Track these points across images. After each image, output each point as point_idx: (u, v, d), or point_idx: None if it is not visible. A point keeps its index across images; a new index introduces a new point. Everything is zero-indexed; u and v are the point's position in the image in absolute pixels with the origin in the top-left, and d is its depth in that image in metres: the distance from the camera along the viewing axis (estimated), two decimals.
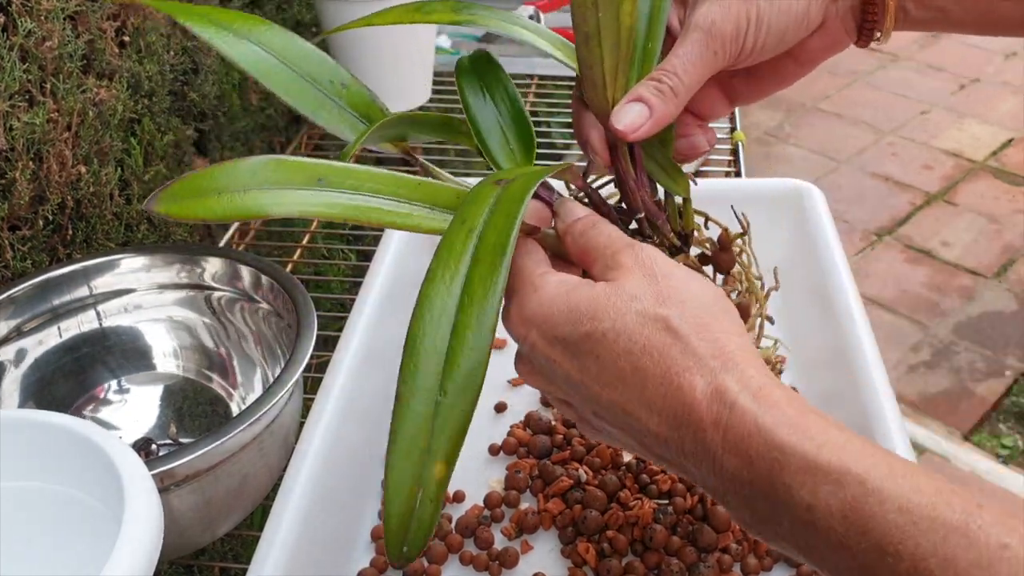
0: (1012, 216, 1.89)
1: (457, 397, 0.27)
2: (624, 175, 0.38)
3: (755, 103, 0.44)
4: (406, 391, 0.27)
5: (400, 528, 0.27)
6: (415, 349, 0.28)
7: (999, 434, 1.40)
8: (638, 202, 0.39)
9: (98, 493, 0.42)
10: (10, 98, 0.60)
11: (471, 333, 0.28)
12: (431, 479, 0.27)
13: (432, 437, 0.27)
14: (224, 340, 0.65)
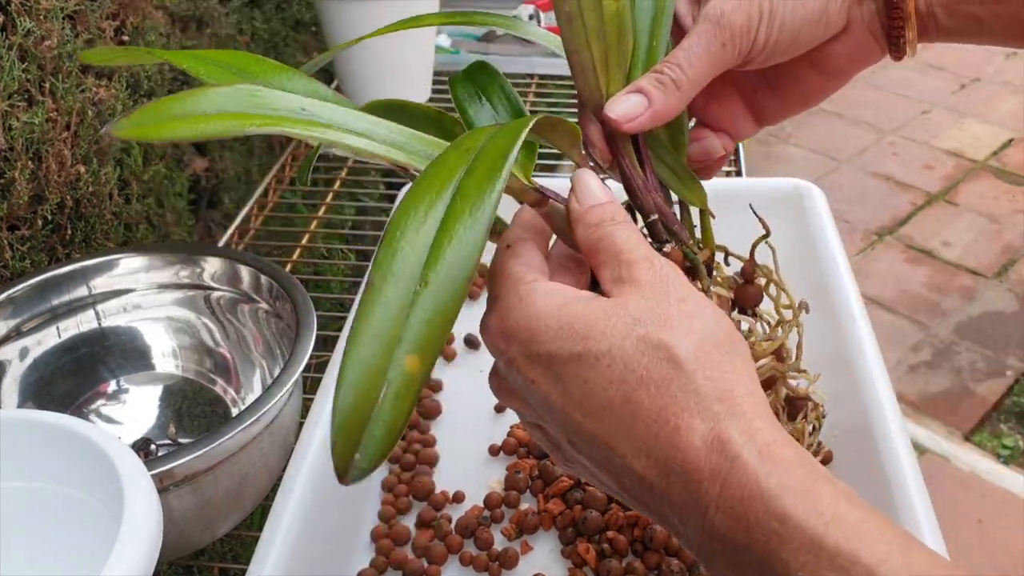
0: (1013, 216, 1.89)
1: (440, 289, 0.23)
2: (629, 173, 0.35)
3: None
4: (379, 277, 0.23)
5: (352, 426, 0.22)
6: (394, 238, 0.24)
7: (1000, 434, 1.40)
8: (650, 203, 0.35)
9: (97, 493, 0.42)
10: (9, 97, 0.60)
11: (462, 226, 0.24)
12: (401, 373, 0.22)
13: (405, 327, 0.23)
14: (223, 340, 0.64)
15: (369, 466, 0.22)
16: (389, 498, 0.57)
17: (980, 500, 1.28)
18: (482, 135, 0.27)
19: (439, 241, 0.24)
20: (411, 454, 0.59)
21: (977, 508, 1.27)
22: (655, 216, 0.35)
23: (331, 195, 0.91)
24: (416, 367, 0.22)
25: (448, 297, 0.23)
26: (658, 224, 0.35)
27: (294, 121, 0.27)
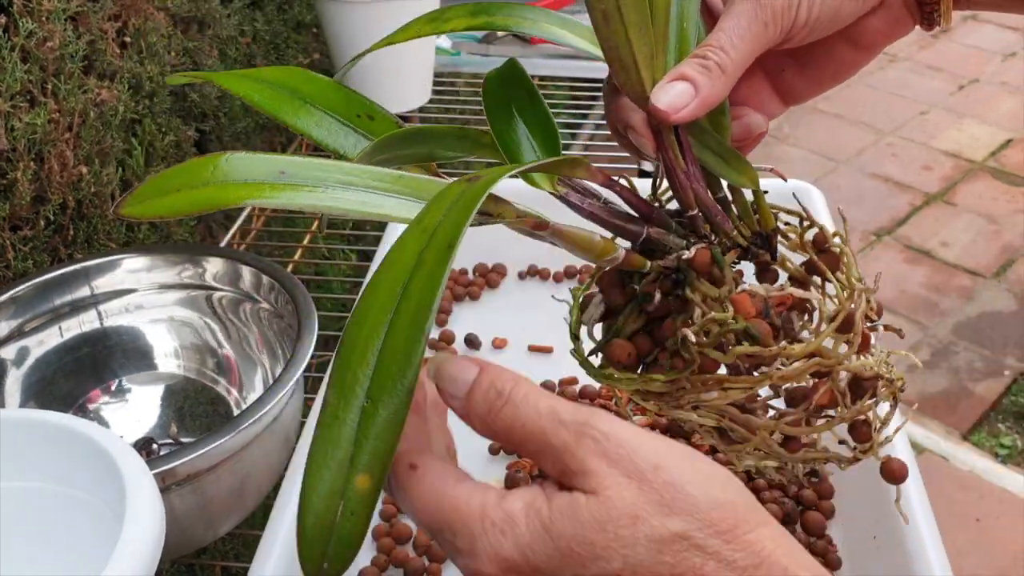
0: (1011, 216, 1.89)
1: (383, 403, 0.24)
2: (672, 165, 0.34)
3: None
4: (333, 395, 0.25)
5: (318, 541, 0.24)
6: (348, 349, 0.25)
7: (998, 434, 1.40)
8: (690, 197, 0.34)
9: (99, 493, 0.42)
10: (11, 99, 0.60)
11: (403, 337, 0.25)
12: (353, 493, 0.24)
13: (357, 447, 0.24)
14: (225, 340, 0.65)
15: (337, 571, 0.25)
16: (390, 497, 0.57)
17: (978, 499, 1.29)
18: (445, 202, 0.27)
19: (385, 351, 0.25)
20: None
21: (975, 507, 1.27)
22: (695, 211, 0.34)
23: None
24: (366, 486, 0.24)
25: (390, 413, 0.24)
26: (698, 219, 0.34)
27: (270, 187, 0.29)
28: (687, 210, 0.34)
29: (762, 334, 0.32)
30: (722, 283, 0.33)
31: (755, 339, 0.32)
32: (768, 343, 0.32)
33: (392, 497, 0.28)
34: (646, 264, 0.34)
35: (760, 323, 0.32)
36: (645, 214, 0.35)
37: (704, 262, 0.33)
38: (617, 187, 0.35)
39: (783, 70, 0.38)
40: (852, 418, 0.34)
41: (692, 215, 0.34)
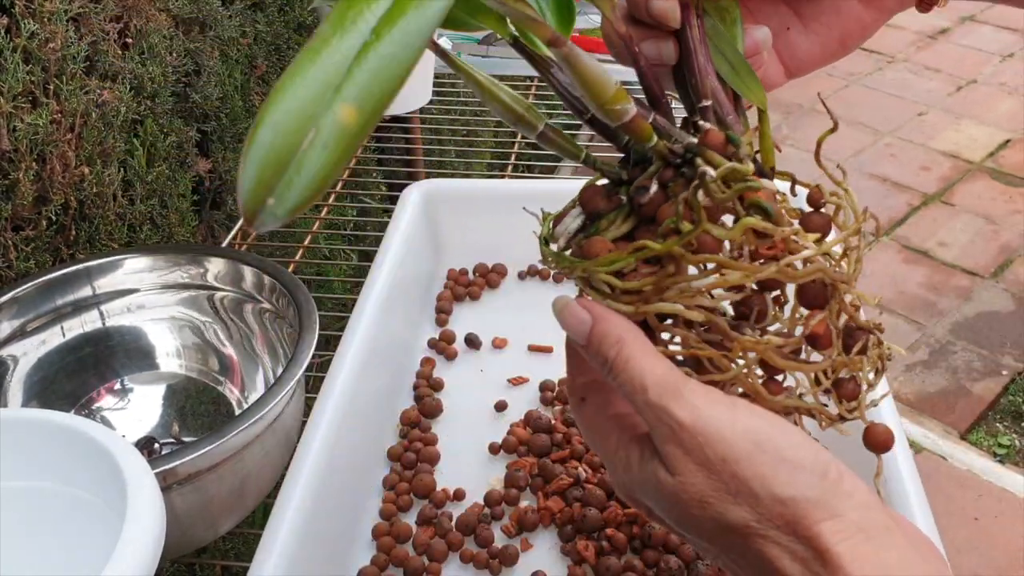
0: (1009, 217, 1.89)
1: (390, 39, 0.20)
2: (693, 46, 0.31)
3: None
4: (329, 27, 0.21)
5: (270, 167, 0.19)
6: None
7: (996, 433, 1.40)
8: (707, 86, 0.31)
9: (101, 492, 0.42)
10: (13, 99, 0.60)
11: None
12: (332, 122, 0.19)
13: (348, 76, 0.20)
14: (227, 340, 0.65)
15: (283, 214, 0.19)
16: (390, 496, 0.57)
17: (976, 499, 1.29)
18: None
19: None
20: (412, 452, 0.60)
21: (973, 506, 1.28)
22: (709, 102, 0.32)
23: (333, 196, 0.91)
24: (350, 119, 0.20)
25: (401, 54, 0.20)
26: (710, 111, 0.32)
27: None
28: (700, 99, 0.32)
29: (776, 211, 0.29)
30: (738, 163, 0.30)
31: (768, 215, 0.29)
32: (782, 222, 0.29)
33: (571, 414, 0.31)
34: (652, 137, 0.31)
35: (774, 203, 0.29)
36: (656, 98, 0.32)
37: (718, 142, 0.30)
38: (636, 48, 0.31)
39: (788, 28, 0.36)
40: (842, 367, 0.30)
41: (705, 106, 0.32)
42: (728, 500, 0.27)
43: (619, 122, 0.30)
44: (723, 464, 0.27)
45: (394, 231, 0.69)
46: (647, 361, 0.29)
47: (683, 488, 0.28)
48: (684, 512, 0.28)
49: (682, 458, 0.28)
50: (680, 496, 0.28)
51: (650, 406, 0.28)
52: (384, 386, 0.63)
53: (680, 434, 0.28)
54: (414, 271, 0.71)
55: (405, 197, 0.73)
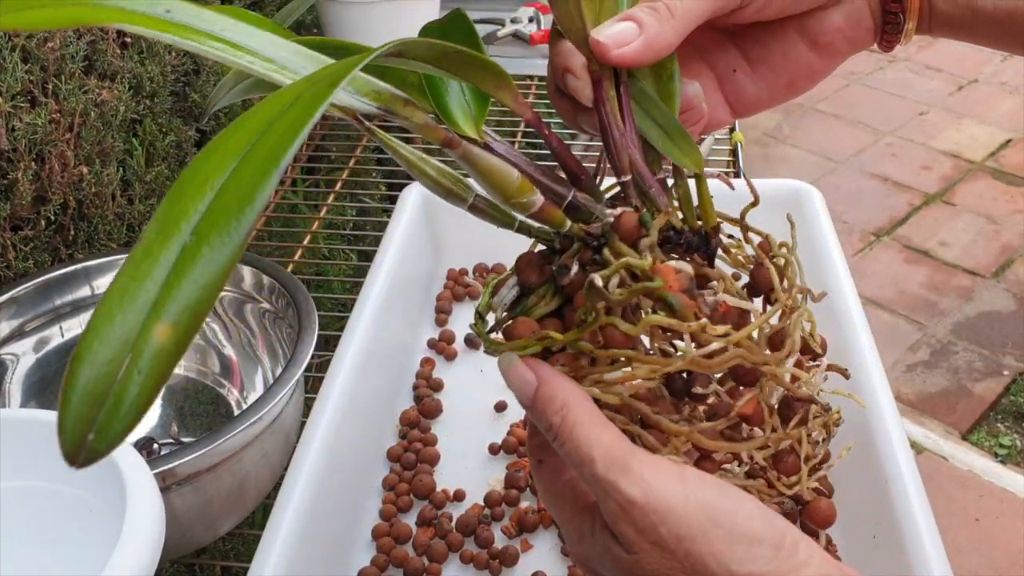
0: (1010, 216, 1.89)
1: (210, 243, 0.20)
2: (607, 121, 0.31)
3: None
4: (151, 229, 0.20)
5: (88, 402, 0.19)
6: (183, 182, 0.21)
7: (997, 433, 1.40)
8: (624, 160, 0.31)
9: (100, 492, 0.42)
10: (12, 99, 0.60)
11: (253, 171, 0.20)
12: (148, 344, 0.19)
13: (165, 290, 0.19)
14: (226, 340, 0.65)
15: (104, 448, 0.19)
16: (390, 496, 0.57)
17: (978, 499, 1.29)
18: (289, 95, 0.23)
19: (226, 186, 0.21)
20: (412, 453, 0.59)
21: (975, 507, 1.28)
22: (628, 176, 0.31)
23: (332, 196, 0.91)
24: (166, 338, 0.19)
25: (219, 257, 0.20)
26: (630, 186, 0.31)
27: (149, 20, 0.25)
28: (620, 175, 0.31)
29: (682, 305, 0.28)
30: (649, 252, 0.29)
31: (673, 310, 0.28)
32: (688, 317, 0.28)
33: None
34: (565, 223, 0.31)
35: (681, 296, 0.28)
36: (574, 174, 0.31)
37: (630, 226, 0.30)
38: (546, 131, 0.31)
39: (734, 70, 0.35)
40: (779, 442, 0.30)
41: (624, 181, 0.31)
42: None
43: (527, 213, 0.30)
44: (678, 542, 0.26)
45: (393, 231, 0.69)
46: (594, 430, 0.28)
47: (639, 565, 0.27)
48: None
49: (635, 537, 0.27)
50: (635, 573, 0.27)
51: (598, 480, 0.27)
52: (384, 386, 0.63)
53: (632, 512, 0.27)
54: (414, 271, 0.71)
55: (405, 197, 0.73)
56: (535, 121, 0.31)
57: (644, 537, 0.27)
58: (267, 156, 0.20)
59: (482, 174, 0.29)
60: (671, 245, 0.30)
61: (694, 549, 0.26)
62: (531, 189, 0.29)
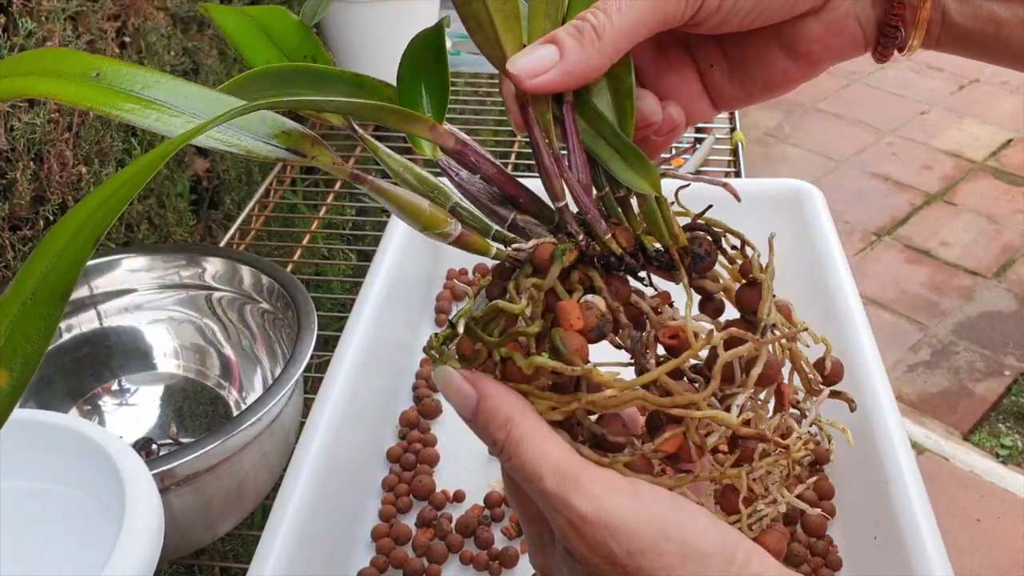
0: (1011, 216, 1.89)
1: (40, 302, 0.22)
2: (537, 145, 0.29)
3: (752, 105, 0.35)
4: (9, 288, 0.23)
5: None
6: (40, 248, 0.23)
7: (998, 434, 1.40)
8: (556, 186, 0.29)
9: (99, 493, 0.42)
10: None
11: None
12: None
13: (7, 339, 0.22)
14: (225, 340, 0.65)
15: None
16: (389, 497, 0.57)
17: (979, 499, 1.29)
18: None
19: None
20: (411, 453, 0.59)
21: (976, 507, 1.27)
22: (562, 203, 0.30)
23: (332, 195, 0.91)
24: (4, 381, 0.22)
25: (43, 313, 0.23)
26: (567, 213, 0.30)
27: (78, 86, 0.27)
28: (554, 201, 0.30)
29: (568, 349, 0.27)
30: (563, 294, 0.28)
31: (558, 353, 0.27)
32: (573, 361, 0.27)
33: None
34: (489, 249, 0.30)
35: (574, 336, 0.27)
36: (512, 197, 0.30)
37: (544, 259, 0.29)
38: (472, 158, 0.30)
39: (711, 65, 0.33)
40: (723, 479, 0.29)
41: (560, 207, 0.30)
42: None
43: (449, 242, 0.30)
44: (629, 557, 0.26)
45: (393, 230, 0.69)
46: (542, 444, 0.27)
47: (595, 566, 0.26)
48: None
49: (586, 552, 0.26)
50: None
51: (547, 496, 0.26)
52: (383, 387, 0.63)
53: (582, 528, 0.26)
54: (413, 271, 0.71)
55: None
56: (459, 149, 0.30)
57: (595, 553, 0.26)
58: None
59: (393, 206, 0.29)
60: (615, 269, 0.29)
61: (645, 564, 0.26)
62: (443, 220, 0.29)
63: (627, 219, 0.31)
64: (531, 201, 0.31)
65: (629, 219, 0.31)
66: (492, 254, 0.30)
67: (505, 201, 0.31)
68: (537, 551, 0.30)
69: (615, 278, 0.30)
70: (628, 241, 0.30)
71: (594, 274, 0.29)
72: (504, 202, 0.31)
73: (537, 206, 0.31)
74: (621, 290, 0.30)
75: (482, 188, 0.30)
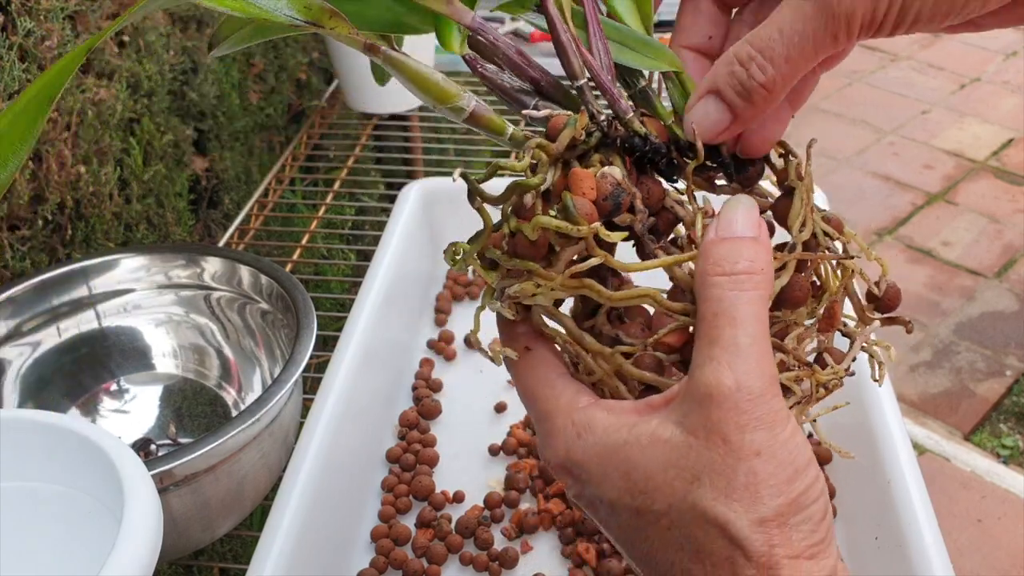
0: (1013, 216, 1.89)
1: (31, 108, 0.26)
2: (553, 23, 0.29)
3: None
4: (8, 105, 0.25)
5: None
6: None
7: (1000, 434, 1.40)
8: (574, 63, 0.29)
9: (97, 493, 0.42)
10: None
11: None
12: None
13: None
14: (223, 340, 0.64)
15: None
16: (389, 498, 0.57)
17: (980, 500, 1.28)
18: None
19: None
20: (411, 454, 0.59)
21: (977, 508, 1.27)
22: (582, 80, 0.29)
23: (331, 195, 0.91)
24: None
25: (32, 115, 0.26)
26: (587, 91, 0.29)
27: None
28: (572, 79, 0.29)
29: (577, 210, 0.25)
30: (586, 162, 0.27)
31: (567, 212, 0.25)
32: (579, 222, 0.25)
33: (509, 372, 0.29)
34: (505, 128, 0.29)
35: (584, 201, 0.26)
36: (533, 81, 0.30)
37: (556, 129, 0.28)
38: (491, 36, 0.29)
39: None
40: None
41: (579, 85, 0.29)
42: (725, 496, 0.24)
43: (463, 119, 0.29)
44: (755, 458, 0.23)
45: (392, 230, 0.69)
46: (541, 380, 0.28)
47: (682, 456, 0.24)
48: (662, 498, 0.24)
49: (710, 430, 0.24)
50: (674, 464, 0.24)
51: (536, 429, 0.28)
52: (382, 387, 0.63)
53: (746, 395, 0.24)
54: (413, 271, 0.71)
55: (404, 196, 0.73)
56: (478, 26, 0.29)
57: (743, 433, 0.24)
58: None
59: (408, 79, 0.29)
60: (638, 153, 0.28)
61: (758, 445, 0.24)
62: (453, 94, 0.29)
63: (655, 110, 0.29)
64: (552, 86, 0.30)
65: (657, 110, 0.29)
66: (508, 134, 0.29)
67: (528, 90, 0.30)
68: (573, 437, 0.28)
69: (647, 176, 0.28)
70: (659, 131, 0.29)
71: (615, 159, 0.28)
72: (527, 91, 0.30)
73: (559, 92, 0.30)
74: (654, 190, 0.28)
75: (506, 79, 0.30)
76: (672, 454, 0.25)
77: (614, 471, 0.26)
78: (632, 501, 0.25)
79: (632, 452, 0.25)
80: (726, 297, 0.25)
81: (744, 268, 0.25)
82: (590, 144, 0.28)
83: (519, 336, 0.29)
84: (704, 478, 0.24)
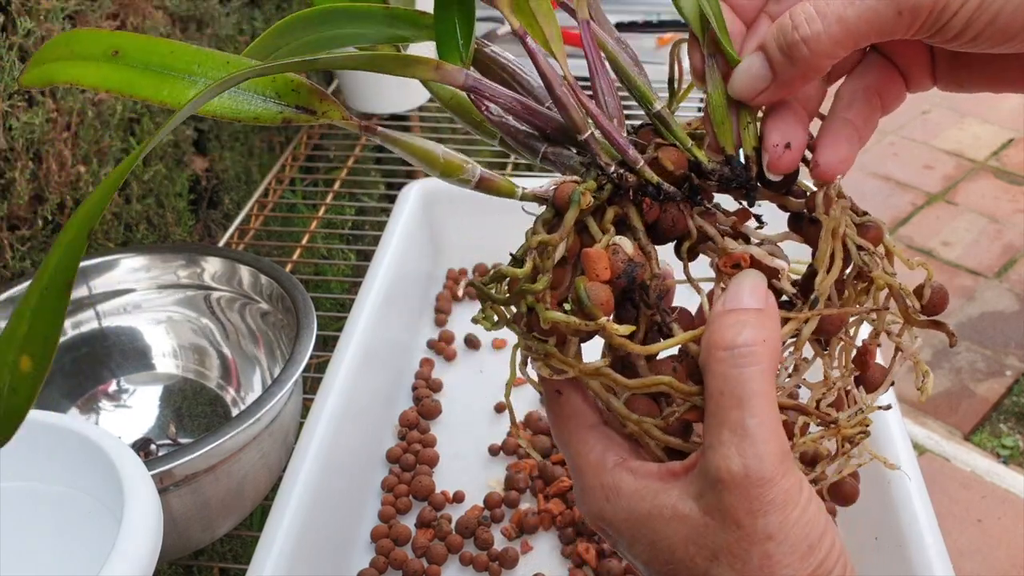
0: (1013, 216, 1.89)
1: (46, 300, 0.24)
2: (545, 77, 0.28)
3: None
4: (30, 285, 0.25)
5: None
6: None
7: (1000, 434, 1.40)
8: (575, 116, 0.28)
9: (97, 493, 0.42)
10: (9, 98, 0.60)
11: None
12: (15, 370, 0.24)
13: (30, 325, 0.24)
14: (223, 340, 0.64)
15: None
16: (389, 498, 0.57)
17: (980, 500, 1.28)
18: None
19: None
20: (411, 454, 0.59)
21: (977, 508, 1.27)
22: (587, 134, 0.28)
23: (331, 195, 0.91)
24: (27, 367, 0.24)
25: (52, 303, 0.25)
26: (593, 144, 0.28)
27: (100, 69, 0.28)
28: (577, 133, 0.28)
29: (591, 302, 0.25)
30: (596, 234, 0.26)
31: (581, 305, 0.25)
32: (593, 314, 0.25)
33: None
34: (515, 191, 0.29)
35: (599, 288, 0.25)
36: (539, 129, 0.29)
37: (563, 200, 0.27)
38: (486, 94, 0.28)
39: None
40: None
41: (585, 138, 0.28)
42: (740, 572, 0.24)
43: (471, 187, 0.29)
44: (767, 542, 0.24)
45: (393, 230, 0.69)
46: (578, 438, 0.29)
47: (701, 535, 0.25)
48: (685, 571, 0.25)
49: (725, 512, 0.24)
50: (695, 541, 0.25)
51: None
52: (382, 387, 0.63)
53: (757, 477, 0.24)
54: (413, 271, 0.71)
55: (404, 196, 0.73)
56: (471, 85, 0.28)
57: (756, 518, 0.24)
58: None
59: (410, 155, 0.29)
60: (659, 198, 0.27)
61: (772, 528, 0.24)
62: (459, 167, 0.29)
63: (673, 136, 0.28)
64: (559, 131, 0.29)
65: (675, 135, 0.28)
66: (518, 196, 0.29)
67: (536, 135, 0.29)
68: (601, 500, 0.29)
69: (670, 205, 0.27)
70: (676, 161, 0.27)
71: (631, 210, 0.27)
72: (535, 136, 0.29)
73: (567, 137, 0.29)
74: (679, 220, 0.27)
75: (512, 122, 0.29)
76: (692, 532, 0.25)
77: (643, 538, 0.27)
78: (661, 568, 0.26)
79: (657, 524, 0.26)
80: (730, 374, 0.25)
81: (745, 341, 0.25)
82: (602, 198, 0.27)
83: (551, 380, 0.29)
84: (722, 558, 0.25)
